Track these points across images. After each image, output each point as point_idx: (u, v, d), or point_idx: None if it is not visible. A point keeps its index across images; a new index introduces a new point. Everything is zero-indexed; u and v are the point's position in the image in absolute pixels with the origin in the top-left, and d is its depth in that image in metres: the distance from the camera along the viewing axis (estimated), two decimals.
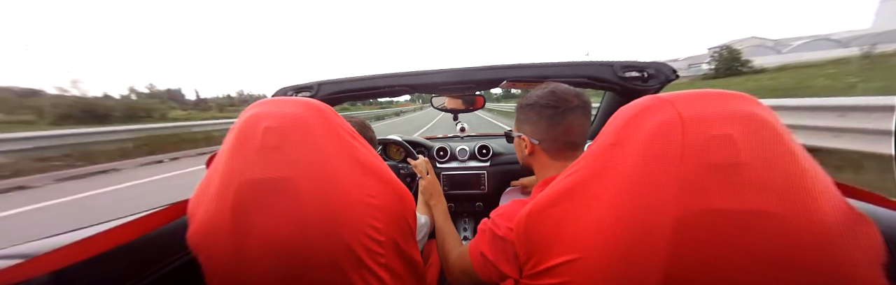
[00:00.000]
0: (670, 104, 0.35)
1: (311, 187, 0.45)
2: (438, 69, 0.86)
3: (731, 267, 0.31)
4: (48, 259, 0.38)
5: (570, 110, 0.60)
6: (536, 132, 0.63)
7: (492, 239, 0.54)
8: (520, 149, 0.69)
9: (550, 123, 0.61)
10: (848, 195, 0.33)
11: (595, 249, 0.37)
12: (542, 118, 0.61)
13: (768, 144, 0.31)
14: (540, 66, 0.81)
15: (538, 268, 0.43)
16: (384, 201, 0.50)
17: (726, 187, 0.31)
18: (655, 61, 0.78)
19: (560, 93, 0.61)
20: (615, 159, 0.37)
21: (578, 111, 0.60)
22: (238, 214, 0.43)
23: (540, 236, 0.43)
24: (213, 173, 0.47)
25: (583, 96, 0.62)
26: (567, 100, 0.60)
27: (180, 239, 0.45)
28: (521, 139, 0.66)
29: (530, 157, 0.67)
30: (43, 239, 0.50)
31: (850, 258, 0.29)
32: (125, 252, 0.48)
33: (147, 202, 2.10)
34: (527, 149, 0.66)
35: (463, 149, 1.47)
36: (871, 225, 0.31)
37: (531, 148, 0.64)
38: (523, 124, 0.66)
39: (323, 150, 0.46)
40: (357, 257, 0.47)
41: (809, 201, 0.30)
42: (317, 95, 0.89)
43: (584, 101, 0.61)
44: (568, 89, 0.62)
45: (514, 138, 0.70)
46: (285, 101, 0.49)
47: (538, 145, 0.63)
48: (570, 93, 0.61)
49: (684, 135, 0.33)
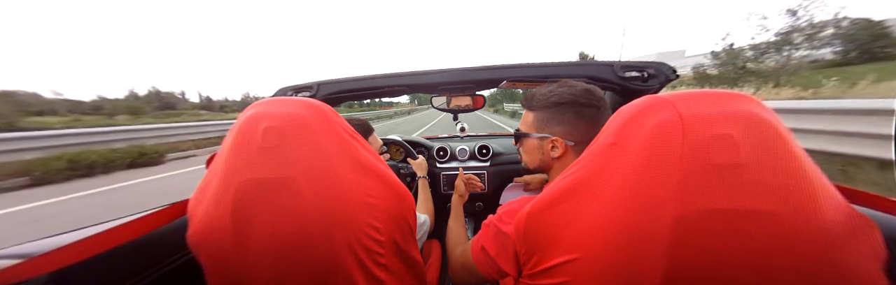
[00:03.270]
0: (670, 104, 0.35)
1: (311, 187, 0.45)
2: (438, 69, 0.86)
3: (730, 268, 0.31)
4: (48, 259, 0.38)
5: (606, 109, 0.58)
6: (573, 133, 0.59)
7: (495, 234, 0.54)
8: (541, 152, 0.63)
9: (591, 123, 0.58)
10: (847, 196, 0.33)
11: (595, 249, 0.37)
12: (581, 118, 0.58)
13: (769, 144, 0.31)
14: (540, 65, 0.81)
15: (538, 268, 0.43)
16: (384, 201, 0.51)
17: (726, 187, 0.31)
18: (655, 61, 0.78)
19: (595, 91, 0.59)
20: (615, 159, 0.37)
21: (609, 110, 0.58)
22: (238, 214, 0.43)
23: (540, 236, 0.43)
24: (212, 173, 0.47)
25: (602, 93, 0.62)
26: (602, 98, 0.59)
27: (180, 239, 0.45)
28: (550, 141, 0.60)
29: (557, 160, 0.61)
30: (43, 239, 0.50)
31: (851, 258, 0.29)
32: (125, 252, 0.48)
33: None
34: (557, 152, 0.60)
35: (463, 149, 1.47)
36: (871, 225, 0.31)
37: (564, 150, 0.59)
38: (553, 125, 0.60)
39: (323, 150, 0.46)
40: (357, 257, 0.47)
41: (810, 201, 0.30)
42: (316, 95, 0.89)
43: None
44: (594, 87, 0.60)
45: (532, 140, 0.64)
46: (285, 101, 0.49)
47: (573, 147, 0.59)
48: (601, 90, 0.60)
49: (684, 134, 0.33)
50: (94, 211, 3.26)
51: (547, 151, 0.62)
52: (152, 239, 0.54)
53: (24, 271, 0.36)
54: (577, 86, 0.60)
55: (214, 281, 0.46)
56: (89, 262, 0.42)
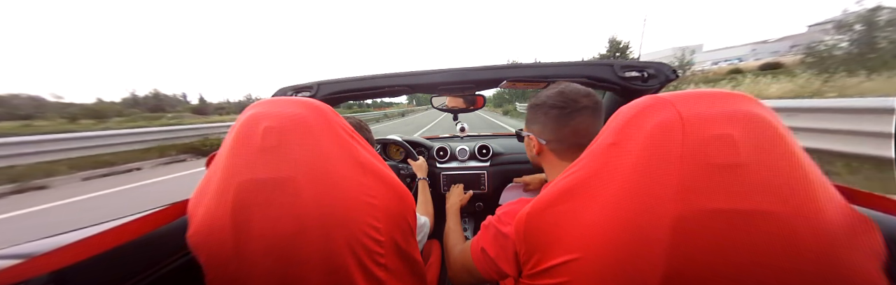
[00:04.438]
0: (670, 104, 0.35)
1: (311, 187, 0.45)
2: (438, 69, 0.86)
3: (730, 268, 0.31)
4: (48, 259, 0.38)
5: (577, 111, 0.59)
6: (544, 132, 0.62)
7: (495, 235, 0.54)
8: (529, 149, 0.69)
9: (558, 124, 0.60)
10: (847, 196, 0.33)
11: (595, 249, 0.37)
12: (549, 118, 0.61)
13: (769, 144, 0.31)
14: (540, 65, 0.81)
15: (538, 268, 0.43)
16: (384, 201, 0.51)
17: (726, 187, 0.31)
18: (655, 61, 0.78)
19: (569, 93, 0.60)
20: (615, 159, 0.37)
21: (587, 112, 0.59)
22: (238, 214, 0.43)
23: (540, 236, 0.43)
24: (212, 173, 0.47)
25: (593, 96, 0.60)
26: (575, 100, 0.59)
27: (180, 239, 0.45)
28: (530, 139, 0.66)
29: (539, 157, 0.67)
30: (43, 239, 0.50)
31: (851, 259, 0.29)
32: (125, 252, 0.48)
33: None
34: (534, 149, 0.66)
35: (463, 149, 1.47)
36: (872, 225, 0.31)
37: (539, 148, 0.65)
38: (532, 124, 0.66)
39: (323, 150, 0.46)
40: (357, 257, 0.47)
41: (810, 202, 0.30)
42: (316, 95, 0.89)
43: (595, 102, 0.60)
44: (578, 89, 0.60)
45: (524, 137, 0.70)
46: (285, 101, 0.49)
47: (546, 145, 0.63)
48: (580, 93, 0.60)
49: (684, 134, 0.33)
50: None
51: (530, 148, 0.68)
52: (152, 239, 0.54)
53: (24, 271, 0.36)
54: (555, 88, 0.61)
55: (214, 281, 0.46)
56: (89, 262, 0.42)
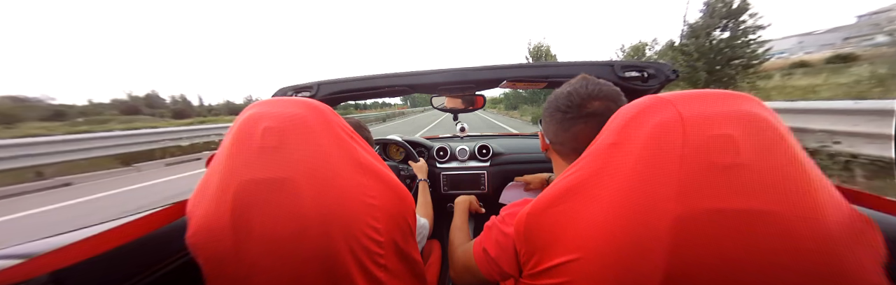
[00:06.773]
0: (671, 104, 0.35)
1: (311, 187, 0.45)
2: (438, 69, 0.86)
3: (731, 268, 0.31)
4: (48, 259, 0.38)
5: (580, 118, 0.55)
6: (549, 131, 0.62)
7: (497, 236, 0.54)
8: (542, 144, 0.70)
9: (559, 128, 0.58)
10: (847, 196, 0.33)
11: (595, 249, 0.37)
12: (553, 120, 0.59)
13: (769, 144, 0.31)
14: (540, 65, 0.81)
15: (538, 268, 0.43)
16: (384, 201, 0.50)
17: (726, 187, 0.31)
18: (655, 61, 0.78)
19: (577, 96, 0.54)
20: (615, 159, 0.37)
21: (591, 120, 0.53)
22: (237, 214, 0.43)
23: (540, 236, 0.43)
24: (212, 173, 0.47)
25: (606, 100, 0.54)
26: (582, 105, 0.54)
27: (180, 239, 0.45)
28: (541, 135, 0.68)
29: (547, 153, 0.68)
30: (43, 239, 0.50)
31: (852, 259, 0.29)
32: (125, 252, 0.48)
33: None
34: (542, 146, 0.68)
35: (463, 149, 1.47)
36: (872, 226, 0.31)
37: (545, 146, 0.66)
38: (544, 121, 0.64)
39: (322, 150, 0.46)
40: (356, 257, 0.47)
41: (810, 201, 0.30)
42: (316, 95, 0.89)
43: (606, 107, 0.53)
44: (591, 91, 0.54)
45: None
46: (284, 101, 0.49)
47: (551, 145, 0.64)
48: (592, 95, 0.54)
49: (685, 134, 0.33)
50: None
51: (542, 144, 0.68)
52: (152, 239, 0.54)
53: (24, 271, 0.36)
54: (569, 87, 0.57)
55: (214, 281, 0.46)
56: (89, 262, 0.42)
